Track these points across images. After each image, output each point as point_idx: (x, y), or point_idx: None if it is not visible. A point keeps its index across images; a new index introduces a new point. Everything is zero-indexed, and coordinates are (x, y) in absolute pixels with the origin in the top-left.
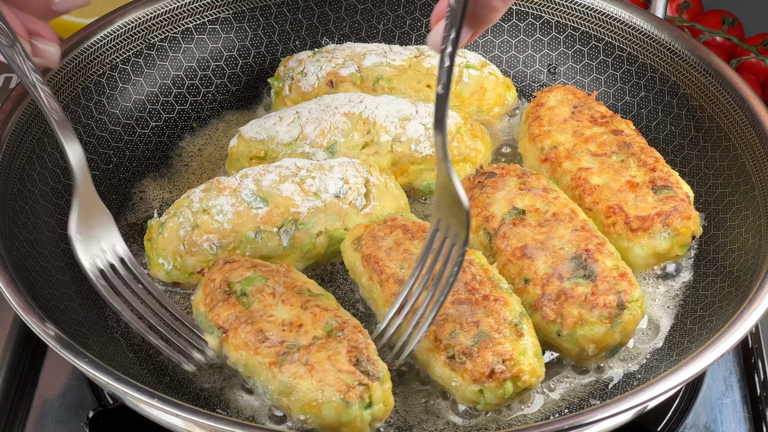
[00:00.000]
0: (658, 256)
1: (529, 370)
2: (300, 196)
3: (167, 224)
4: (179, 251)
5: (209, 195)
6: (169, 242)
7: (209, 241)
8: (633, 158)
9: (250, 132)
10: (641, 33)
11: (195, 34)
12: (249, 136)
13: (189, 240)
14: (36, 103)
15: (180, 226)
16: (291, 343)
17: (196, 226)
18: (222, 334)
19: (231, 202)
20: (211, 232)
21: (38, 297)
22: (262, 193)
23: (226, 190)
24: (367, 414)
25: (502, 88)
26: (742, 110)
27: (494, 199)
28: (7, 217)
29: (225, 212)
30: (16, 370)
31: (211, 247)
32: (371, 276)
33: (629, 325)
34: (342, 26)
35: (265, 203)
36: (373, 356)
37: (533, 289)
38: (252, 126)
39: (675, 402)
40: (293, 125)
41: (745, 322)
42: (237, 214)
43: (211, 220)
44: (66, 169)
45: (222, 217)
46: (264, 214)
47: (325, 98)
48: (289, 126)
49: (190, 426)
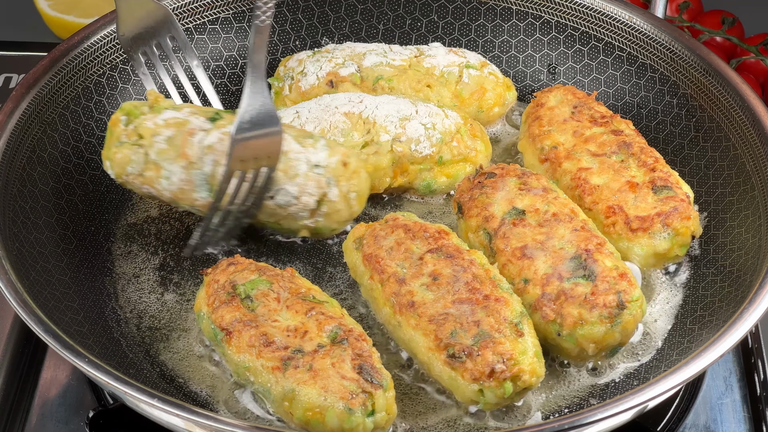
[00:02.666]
0: (658, 256)
1: (529, 369)
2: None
3: (122, 148)
4: (121, 172)
5: (169, 152)
6: (117, 162)
7: (147, 190)
8: (633, 158)
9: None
10: (641, 33)
11: (195, 34)
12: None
13: (132, 175)
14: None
15: (129, 161)
16: (295, 348)
17: (141, 175)
18: (225, 336)
19: (181, 177)
20: (151, 186)
21: (38, 297)
22: (213, 181)
23: (184, 161)
24: (369, 422)
25: (502, 88)
26: (742, 110)
27: (494, 199)
28: (7, 217)
29: (172, 182)
30: (16, 370)
31: (148, 193)
32: (372, 275)
33: (629, 325)
34: (342, 26)
35: (209, 193)
36: (377, 364)
37: (533, 289)
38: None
39: (675, 402)
40: (293, 125)
41: (745, 322)
42: (181, 190)
43: (156, 177)
44: (66, 169)
45: (166, 183)
46: (203, 202)
47: (324, 98)
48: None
49: (190, 426)
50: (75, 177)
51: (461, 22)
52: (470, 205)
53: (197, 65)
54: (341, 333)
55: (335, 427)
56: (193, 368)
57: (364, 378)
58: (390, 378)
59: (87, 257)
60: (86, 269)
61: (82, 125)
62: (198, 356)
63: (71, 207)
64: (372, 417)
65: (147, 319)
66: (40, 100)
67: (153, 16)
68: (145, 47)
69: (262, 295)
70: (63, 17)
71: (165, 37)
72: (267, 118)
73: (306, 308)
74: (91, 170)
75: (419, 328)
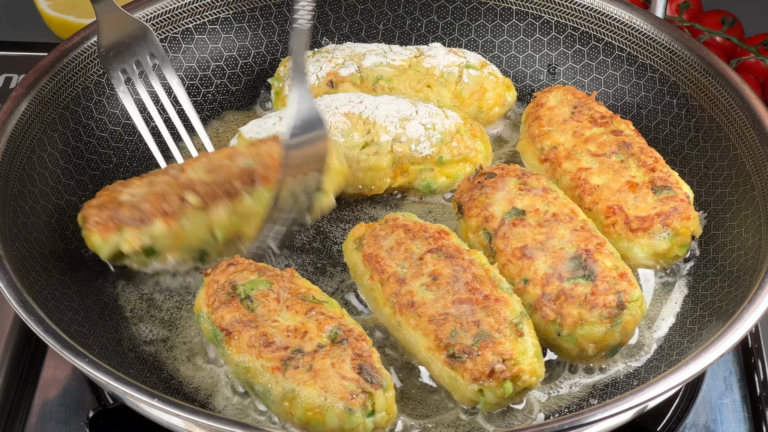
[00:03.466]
0: (657, 256)
1: (529, 370)
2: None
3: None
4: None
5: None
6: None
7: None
8: (633, 158)
9: (250, 132)
10: (641, 33)
11: (195, 34)
12: (249, 136)
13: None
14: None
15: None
16: (295, 349)
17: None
18: (225, 336)
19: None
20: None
21: (38, 297)
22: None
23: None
24: (369, 422)
25: (502, 88)
26: (742, 110)
27: (494, 199)
28: (7, 217)
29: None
30: (16, 370)
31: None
32: (372, 275)
33: (629, 325)
34: (342, 26)
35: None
36: (377, 364)
37: (533, 289)
38: (252, 126)
39: (675, 402)
40: None
41: (745, 322)
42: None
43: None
44: (66, 169)
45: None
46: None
47: (324, 98)
48: None
49: (190, 426)
50: (75, 177)
51: (461, 23)
52: (470, 205)
53: (177, 83)
54: (341, 333)
55: (335, 428)
56: (193, 368)
57: (364, 378)
58: (390, 378)
59: (87, 257)
60: (86, 269)
61: (82, 125)
62: (198, 356)
63: (71, 207)
64: (372, 417)
65: (147, 320)
66: (40, 100)
67: (132, 32)
68: (124, 65)
69: (262, 296)
70: (63, 17)
71: (145, 54)
72: (315, 121)
73: (306, 308)
74: (91, 170)
75: (419, 328)
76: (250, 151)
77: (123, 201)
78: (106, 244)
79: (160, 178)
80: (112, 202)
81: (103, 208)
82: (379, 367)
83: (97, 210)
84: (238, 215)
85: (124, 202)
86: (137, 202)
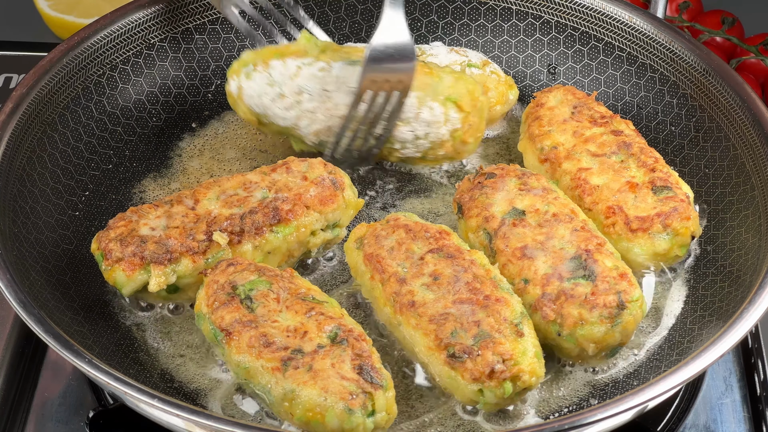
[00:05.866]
0: (657, 256)
1: (529, 370)
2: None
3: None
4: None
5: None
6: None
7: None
8: (633, 159)
9: (249, 100)
10: (641, 33)
11: (195, 34)
12: (248, 102)
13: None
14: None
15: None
16: (295, 349)
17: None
18: (225, 337)
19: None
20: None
21: (38, 297)
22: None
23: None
24: (369, 422)
25: (504, 86)
26: (742, 110)
27: (494, 199)
28: (7, 217)
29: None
30: (16, 370)
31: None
32: (373, 275)
33: (629, 325)
34: (342, 26)
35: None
36: (377, 364)
37: (533, 290)
38: (252, 96)
39: (675, 402)
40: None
41: (745, 322)
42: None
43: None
44: (66, 169)
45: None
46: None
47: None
48: (285, 110)
49: (190, 426)
50: (75, 177)
51: (461, 22)
52: (470, 206)
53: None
54: (341, 333)
55: (335, 428)
56: (193, 368)
57: (364, 378)
58: (390, 378)
59: (87, 257)
60: (86, 269)
61: (82, 125)
62: (198, 357)
63: (71, 207)
64: (372, 417)
65: (147, 320)
66: (40, 100)
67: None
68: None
69: (262, 296)
70: (63, 17)
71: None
72: (402, 47)
73: (306, 308)
74: (91, 170)
75: (419, 328)
76: (264, 181)
77: (144, 235)
78: (130, 282)
79: (176, 209)
80: (132, 236)
81: (124, 243)
82: (379, 367)
83: (119, 245)
84: (262, 252)
85: (146, 236)
86: (162, 238)
